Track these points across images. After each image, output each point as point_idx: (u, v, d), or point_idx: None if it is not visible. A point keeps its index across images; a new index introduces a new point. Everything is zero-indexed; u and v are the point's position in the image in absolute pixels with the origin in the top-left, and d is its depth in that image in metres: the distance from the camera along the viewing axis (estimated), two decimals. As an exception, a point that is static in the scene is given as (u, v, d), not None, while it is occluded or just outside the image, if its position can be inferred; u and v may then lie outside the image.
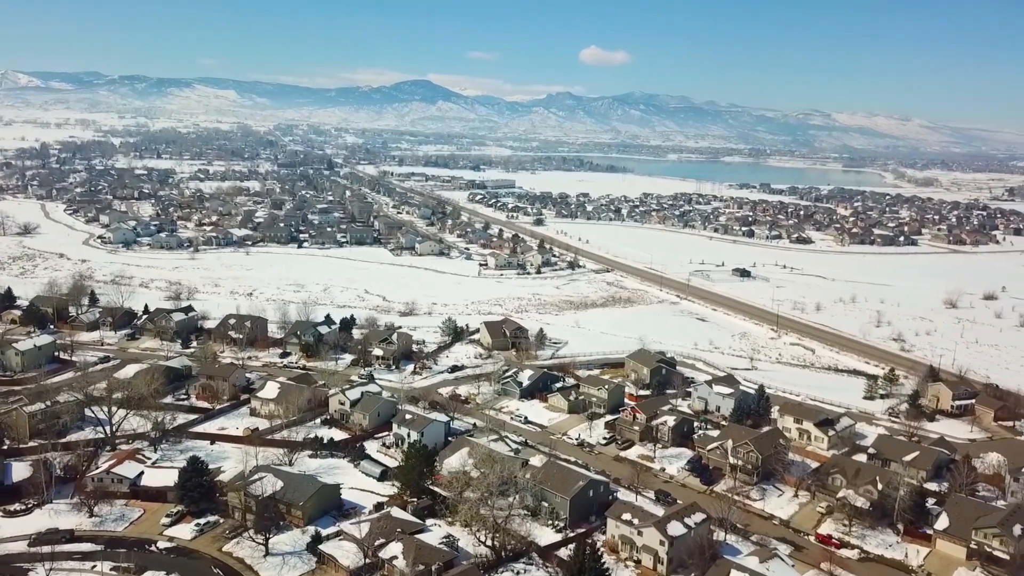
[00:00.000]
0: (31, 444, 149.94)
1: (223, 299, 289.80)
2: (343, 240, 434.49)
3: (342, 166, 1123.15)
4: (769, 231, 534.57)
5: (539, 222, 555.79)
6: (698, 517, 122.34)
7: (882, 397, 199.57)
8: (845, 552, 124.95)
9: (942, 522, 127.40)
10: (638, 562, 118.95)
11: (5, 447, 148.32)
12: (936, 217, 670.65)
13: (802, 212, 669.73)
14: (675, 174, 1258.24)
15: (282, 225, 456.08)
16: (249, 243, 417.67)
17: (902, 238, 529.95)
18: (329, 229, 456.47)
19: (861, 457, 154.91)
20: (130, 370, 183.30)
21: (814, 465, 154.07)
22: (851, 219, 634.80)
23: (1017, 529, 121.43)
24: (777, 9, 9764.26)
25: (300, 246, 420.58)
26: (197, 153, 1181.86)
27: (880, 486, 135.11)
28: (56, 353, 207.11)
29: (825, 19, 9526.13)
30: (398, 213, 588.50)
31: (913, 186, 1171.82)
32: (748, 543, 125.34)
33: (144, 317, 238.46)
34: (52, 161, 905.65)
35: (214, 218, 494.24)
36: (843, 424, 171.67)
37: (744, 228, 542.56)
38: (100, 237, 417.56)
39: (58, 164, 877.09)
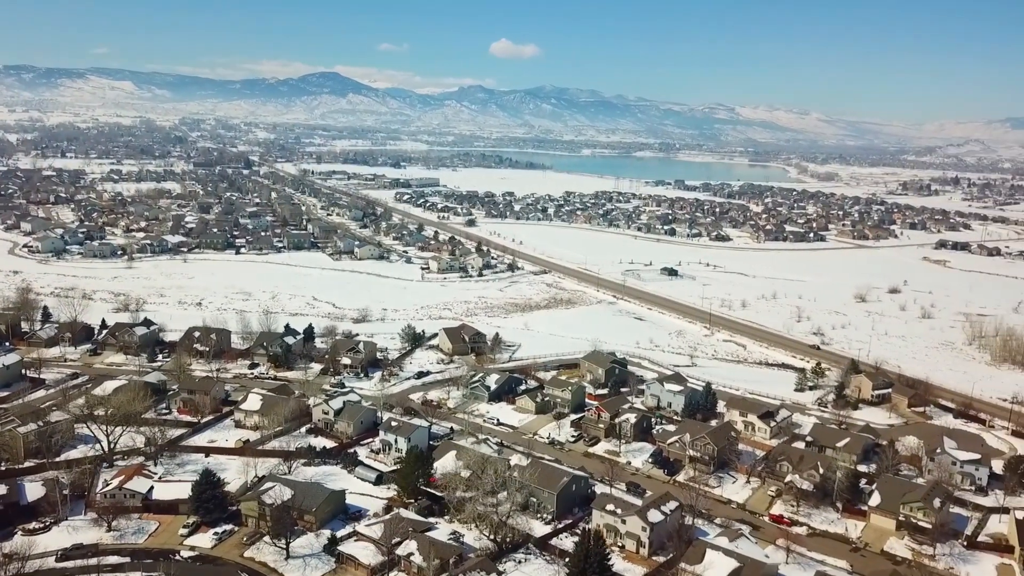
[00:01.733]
0: (27, 464, 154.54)
1: (173, 309, 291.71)
2: (280, 245, 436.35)
3: (260, 164, 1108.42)
4: (689, 229, 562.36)
5: (471, 223, 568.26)
6: (672, 505, 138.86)
7: (811, 388, 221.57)
8: (796, 529, 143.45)
9: (874, 499, 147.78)
10: (622, 547, 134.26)
11: (3, 468, 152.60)
12: (840, 213, 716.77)
13: (718, 209, 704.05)
14: (591, 170, 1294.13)
15: (216, 231, 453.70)
16: (185, 250, 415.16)
17: (812, 234, 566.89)
18: (264, 234, 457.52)
19: (800, 445, 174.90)
20: (108, 387, 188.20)
21: (760, 454, 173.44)
22: (764, 216, 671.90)
23: (936, 502, 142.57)
24: (680, 3, 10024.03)
25: (238, 252, 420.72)
26: (104, 151, 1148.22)
27: (821, 470, 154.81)
28: (23, 371, 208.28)
29: (727, 14, 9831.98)
30: (328, 215, 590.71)
31: (816, 181, 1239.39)
32: (713, 525, 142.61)
33: (104, 332, 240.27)
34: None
35: (142, 224, 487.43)
36: (782, 415, 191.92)
37: (666, 227, 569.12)
38: (27, 246, 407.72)
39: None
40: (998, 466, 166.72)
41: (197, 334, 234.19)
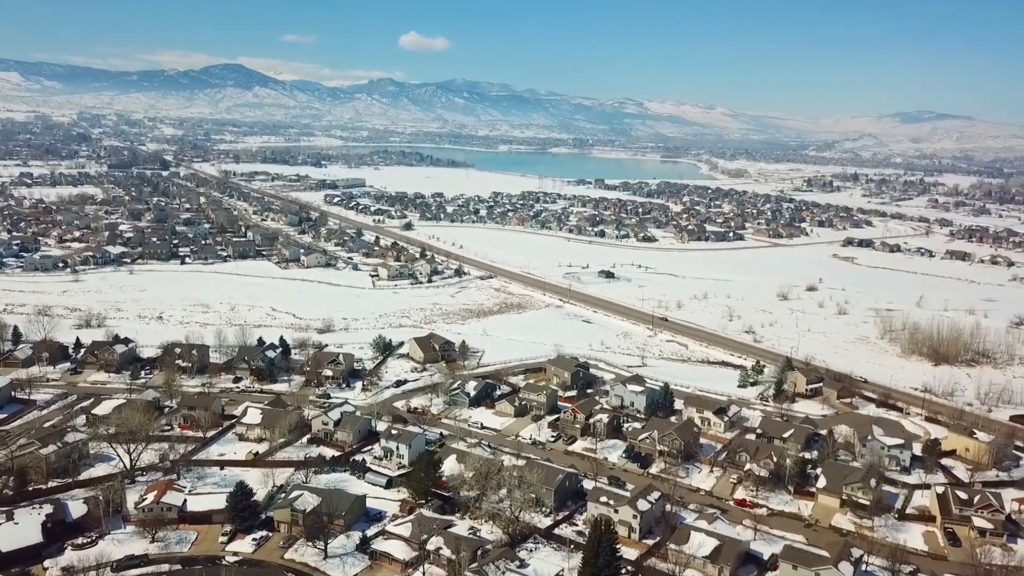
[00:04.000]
0: (52, 484, 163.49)
1: (135, 324, 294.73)
2: (225, 254, 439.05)
3: (176, 164, 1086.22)
4: (617, 231, 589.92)
5: (408, 226, 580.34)
6: (656, 495, 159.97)
7: (752, 384, 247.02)
8: (757, 511, 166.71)
9: (821, 482, 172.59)
10: (616, 534, 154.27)
11: (31, 489, 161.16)
12: (754, 211, 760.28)
13: (640, 209, 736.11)
14: (509, 166, 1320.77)
15: (156, 240, 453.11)
16: (128, 261, 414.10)
17: (731, 234, 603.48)
18: (207, 243, 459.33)
19: (751, 437, 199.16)
20: (107, 406, 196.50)
21: (718, 446, 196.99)
22: (684, 216, 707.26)
23: (872, 482, 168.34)
24: None
25: (183, 262, 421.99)
26: (5, 152, 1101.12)
27: (775, 459, 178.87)
28: (13, 393, 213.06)
29: (632, 9, 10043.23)
30: (263, 220, 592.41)
31: (727, 177, 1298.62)
32: (689, 511, 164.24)
33: (83, 350, 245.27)
34: None
35: (76, 234, 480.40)
36: (733, 411, 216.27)
37: (595, 229, 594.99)
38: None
39: None
40: (917, 449, 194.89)
41: (178, 350, 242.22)
